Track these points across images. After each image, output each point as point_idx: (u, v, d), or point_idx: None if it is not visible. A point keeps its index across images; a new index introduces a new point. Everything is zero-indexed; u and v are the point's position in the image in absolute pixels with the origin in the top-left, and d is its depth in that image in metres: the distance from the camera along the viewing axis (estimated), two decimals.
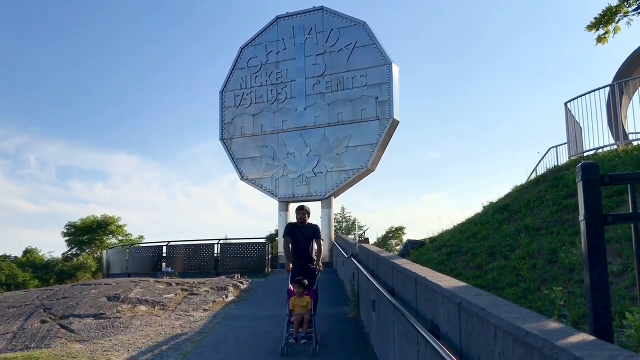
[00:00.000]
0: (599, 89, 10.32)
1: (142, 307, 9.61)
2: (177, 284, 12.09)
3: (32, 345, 7.61)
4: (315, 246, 7.79)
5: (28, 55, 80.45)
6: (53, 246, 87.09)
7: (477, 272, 7.82)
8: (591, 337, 1.73)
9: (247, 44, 21.37)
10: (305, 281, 7.17)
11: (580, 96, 10.62)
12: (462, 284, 3.21)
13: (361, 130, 18.77)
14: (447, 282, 3.28)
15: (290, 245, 7.68)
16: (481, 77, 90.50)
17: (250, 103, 20.99)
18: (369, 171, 18.71)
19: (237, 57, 21.50)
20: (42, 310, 9.37)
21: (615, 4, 4.95)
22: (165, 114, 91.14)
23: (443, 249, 10.04)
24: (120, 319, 8.72)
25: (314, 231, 7.82)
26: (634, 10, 4.80)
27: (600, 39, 5.24)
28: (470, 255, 8.64)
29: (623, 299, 5.19)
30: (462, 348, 2.59)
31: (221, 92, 21.56)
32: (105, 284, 11.57)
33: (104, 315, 8.91)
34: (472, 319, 2.43)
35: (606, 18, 5.02)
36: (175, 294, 10.80)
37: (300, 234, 7.70)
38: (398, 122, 18.59)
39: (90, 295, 10.13)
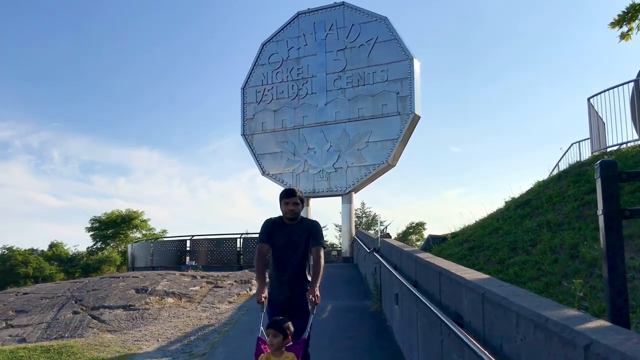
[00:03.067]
0: (622, 84, 10.25)
1: (170, 300, 9.90)
2: (202, 277, 12.37)
3: (66, 335, 7.93)
4: (312, 259, 4.45)
5: (52, 50, 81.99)
6: (77, 240, 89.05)
7: (499, 267, 7.89)
8: (608, 323, 1.85)
9: (268, 40, 21.57)
10: (290, 325, 3.83)
11: (604, 92, 10.57)
12: (485, 276, 3.33)
13: (382, 125, 18.85)
14: (470, 274, 3.41)
15: (268, 258, 4.57)
16: (505, 73, 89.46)
17: (272, 99, 21.21)
18: (389, 166, 18.80)
19: (259, 53, 21.72)
20: (73, 301, 9.72)
21: (639, 1, 5.00)
22: (187, 110, 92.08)
23: (465, 244, 10.10)
24: (149, 311, 9.00)
25: (309, 232, 4.49)
26: None
27: (624, 36, 5.26)
28: (492, 250, 8.70)
29: None
30: (485, 336, 2.71)
31: (243, 89, 21.82)
32: (132, 277, 11.90)
33: (133, 307, 9.21)
34: (494, 308, 2.56)
35: (630, 15, 5.07)
36: (201, 287, 11.06)
37: (286, 237, 4.47)
38: (419, 117, 18.63)
39: (119, 288, 10.45)
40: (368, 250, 11.44)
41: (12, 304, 9.92)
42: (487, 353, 2.45)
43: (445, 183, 76.16)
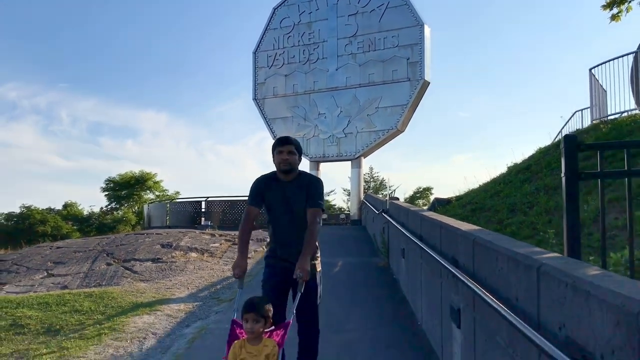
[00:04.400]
0: (623, 56, 10.70)
1: (193, 254, 10.73)
2: (220, 235, 13.19)
3: (103, 283, 8.78)
4: (309, 221, 3.69)
5: (57, 10, 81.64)
6: (88, 201, 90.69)
7: (498, 227, 8.58)
8: (559, 255, 2.53)
9: (280, 5, 21.76)
10: (271, 307, 3.21)
11: (605, 62, 11.02)
12: (477, 227, 4.02)
13: (392, 91, 19.21)
14: (465, 226, 4.10)
15: (264, 221, 4.22)
16: (514, 36, 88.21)
17: (283, 64, 21.53)
18: (398, 132, 19.28)
19: (270, 17, 21.94)
20: (105, 254, 10.57)
21: None
22: (194, 72, 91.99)
23: (468, 206, 10.80)
24: (176, 264, 9.84)
25: (308, 188, 3.76)
26: None
27: (614, 17, 5.78)
28: (493, 212, 9.40)
29: (624, 248, 5.93)
30: (474, 272, 3.41)
31: (254, 53, 22.12)
32: (156, 234, 12.74)
33: (161, 260, 10.05)
34: (481, 250, 3.25)
35: None
36: (220, 244, 11.88)
37: (280, 195, 3.80)
38: (429, 83, 18.97)
39: (146, 243, 11.29)
40: (377, 212, 12.15)
41: (49, 257, 10.80)
42: (475, 284, 3.14)
43: (453, 148, 76.51)
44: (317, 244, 3.85)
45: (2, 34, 74.95)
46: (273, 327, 3.26)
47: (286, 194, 3.78)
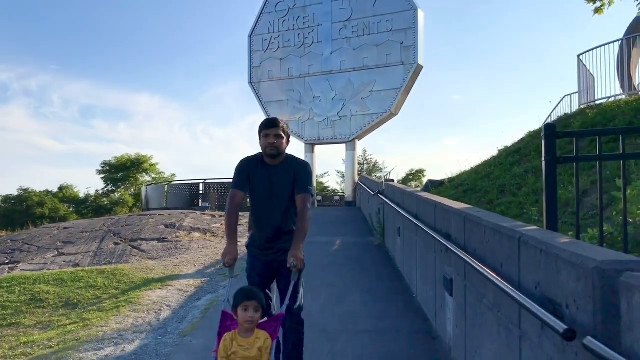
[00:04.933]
0: (609, 43, 11.14)
1: (196, 234, 11.15)
2: (220, 216, 13.61)
3: (113, 261, 9.20)
4: (297, 209, 3.58)
5: None
6: (80, 183, 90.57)
7: (488, 207, 9.06)
8: (537, 227, 2.97)
9: None
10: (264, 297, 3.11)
11: (593, 49, 11.45)
12: (468, 206, 4.46)
13: (386, 75, 19.57)
14: (457, 205, 4.55)
15: (248, 205, 3.88)
16: (510, 19, 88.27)
17: (278, 47, 21.78)
18: (392, 115, 19.68)
19: (265, 1, 22.10)
20: (112, 234, 10.98)
21: None
22: (188, 55, 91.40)
23: (460, 188, 11.27)
24: (181, 243, 10.27)
25: (296, 173, 3.61)
26: None
27: (597, 10, 6.18)
28: (483, 193, 9.87)
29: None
30: (465, 245, 3.85)
31: (250, 36, 22.31)
32: (159, 215, 13.15)
33: (166, 240, 10.47)
34: (472, 225, 3.69)
35: None
36: (221, 224, 12.30)
37: (266, 181, 3.61)
38: (422, 67, 19.31)
39: (150, 224, 11.70)
40: (372, 193, 12.59)
41: (57, 237, 11.20)
42: (466, 255, 3.58)
43: (445, 131, 77.02)
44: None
45: None
46: (266, 319, 3.13)
47: (272, 179, 3.59)
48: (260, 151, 3.66)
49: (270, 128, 3.55)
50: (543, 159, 3.20)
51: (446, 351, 4.47)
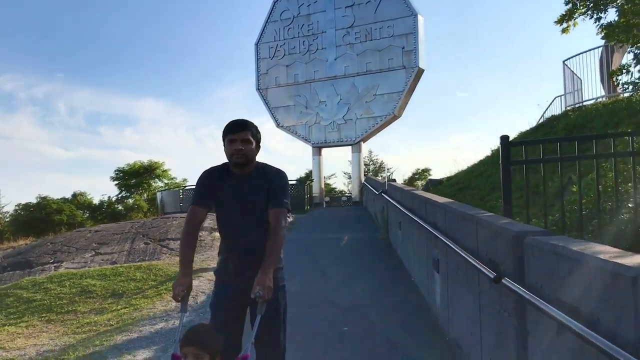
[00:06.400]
0: (594, 49, 12.18)
1: (216, 234, 12.21)
2: None
3: (146, 259, 10.29)
4: (272, 224, 2.91)
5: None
6: (91, 190, 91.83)
7: (480, 203, 10.06)
8: (496, 215, 4.01)
9: None
10: (221, 339, 2.50)
11: (578, 55, 12.48)
12: (450, 200, 5.51)
13: (388, 78, 20.48)
14: (441, 199, 5.61)
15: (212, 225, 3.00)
16: (515, 15, 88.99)
17: (284, 54, 22.75)
18: (395, 117, 20.61)
19: (270, 10, 23.07)
20: (141, 235, 12.08)
21: (569, 8, 6.93)
22: (192, 60, 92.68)
23: (456, 186, 12.30)
24: (204, 241, 11.35)
25: (269, 183, 3.00)
26: (583, 14, 6.78)
27: (564, 30, 7.21)
28: (476, 190, 10.90)
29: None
30: (447, 230, 4.90)
31: (256, 44, 23.27)
32: (180, 218, 14.21)
33: None
34: (451, 214, 4.74)
35: (567, 17, 6.98)
36: None
37: (233, 193, 3.03)
38: (423, 70, 20.20)
39: (174, 225, 12.79)
40: (377, 192, 13.63)
41: (91, 239, 12.31)
42: (447, 239, 4.62)
43: (452, 129, 77.61)
44: (281, 254, 2.97)
45: None
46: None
47: (241, 192, 2.97)
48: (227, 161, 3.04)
49: (236, 132, 2.93)
50: (500, 162, 4.24)
51: (436, 314, 5.55)
